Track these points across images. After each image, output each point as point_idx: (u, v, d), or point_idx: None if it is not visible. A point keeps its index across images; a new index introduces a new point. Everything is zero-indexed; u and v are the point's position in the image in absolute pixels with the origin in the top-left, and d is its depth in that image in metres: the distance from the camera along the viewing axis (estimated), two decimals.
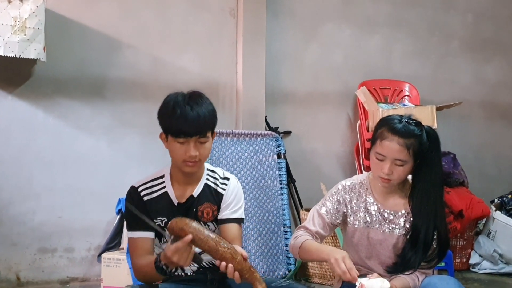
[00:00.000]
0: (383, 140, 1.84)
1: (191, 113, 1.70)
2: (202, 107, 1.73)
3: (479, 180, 4.25)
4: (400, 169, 1.84)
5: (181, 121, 1.69)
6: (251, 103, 3.64)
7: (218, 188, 1.87)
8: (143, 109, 3.42)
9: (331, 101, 4.01)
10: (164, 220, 1.79)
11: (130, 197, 1.81)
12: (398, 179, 1.87)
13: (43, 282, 3.21)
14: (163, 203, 1.80)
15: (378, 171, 1.86)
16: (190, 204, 1.81)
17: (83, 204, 3.30)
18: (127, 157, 3.41)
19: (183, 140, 1.71)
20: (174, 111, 1.71)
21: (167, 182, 1.82)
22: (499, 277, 3.63)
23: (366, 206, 1.95)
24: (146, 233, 1.77)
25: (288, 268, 3.25)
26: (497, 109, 4.57)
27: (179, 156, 1.73)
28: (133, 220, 1.78)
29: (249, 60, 3.64)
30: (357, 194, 1.97)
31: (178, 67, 3.54)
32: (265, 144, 3.44)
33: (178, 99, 1.73)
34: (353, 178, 2.04)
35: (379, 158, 1.85)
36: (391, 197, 1.95)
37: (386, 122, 1.89)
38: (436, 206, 1.89)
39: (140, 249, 1.76)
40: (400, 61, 4.23)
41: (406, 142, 1.81)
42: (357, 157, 3.87)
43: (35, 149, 3.24)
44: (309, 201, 3.78)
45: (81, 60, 3.32)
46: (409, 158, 1.83)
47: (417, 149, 1.83)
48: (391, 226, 1.93)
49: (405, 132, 1.82)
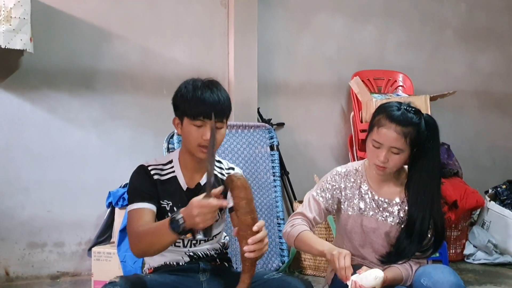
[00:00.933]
0: (380, 128, 1.81)
1: (211, 95, 1.72)
2: (222, 92, 1.76)
3: (473, 171, 4.24)
4: (396, 157, 1.81)
5: (202, 102, 1.70)
6: (244, 95, 3.60)
7: (224, 177, 1.85)
8: (133, 101, 3.38)
9: (325, 92, 3.98)
10: (170, 204, 1.78)
11: (139, 173, 1.78)
12: (393, 167, 1.84)
13: (33, 277, 3.17)
14: (171, 187, 1.79)
15: (374, 159, 1.83)
16: (198, 192, 1.77)
17: (73, 198, 3.26)
18: (117, 150, 3.36)
19: (201, 123, 1.70)
20: (194, 93, 1.72)
21: (176, 167, 1.82)
22: (493, 267, 3.63)
23: (361, 194, 1.93)
24: (149, 205, 1.73)
25: (282, 260, 3.22)
26: (491, 99, 4.56)
27: (194, 140, 1.72)
28: (136, 192, 1.74)
29: (241, 51, 3.59)
30: (351, 181, 1.95)
31: (169, 58, 3.49)
32: (258, 136, 3.41)
33: (197, 83, 1.75)
34: (348, 165, 2.02)
35: (375, 146, 1.82)
36: (386, 185, 1.93)
37: (384, 109, 1.86)
38: (432, 196, 1.86)
39: (142, 219, 1.69)
40: (393, 51, 4.20)
41: (403, 130, 1.78)
42: (350, 149, 3.84)
43: (23, 143, 3.18)
44: (303, 193, 3.73)
45: (69, 51, 3.26)
46: (406, 146, 1.80)
47: (415, 138, 1.80)
48: (384, 214, 1.91)
49: (403, 120, 1.79)
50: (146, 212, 1.72)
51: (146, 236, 1.63)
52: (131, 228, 1.71)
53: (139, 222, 1.69)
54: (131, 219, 1.73)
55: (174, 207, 1.77)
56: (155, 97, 3.42)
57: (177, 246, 1.80)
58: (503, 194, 4.02)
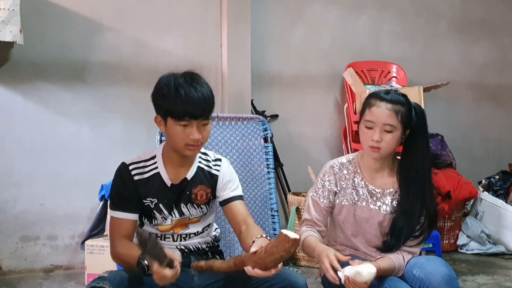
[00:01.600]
0: (372, 107, 1.86)
1: (196, 94, 1.66)
2: (205, 88, 1.70)
3: (467, 162, 4.25)
4: (389, 136, 1.83)
5: (186, 103, 1.64)
6: (237, 86, 3.58)
7: (212, 170, 1.85)
8: (126, 93, 3.35)
9: (319, 84, 3.97)
10: (154, 201, 1.76)
11: (120, 174, 1.76)
12: (387, 148, 1.85)
13: (26, 271, 3.16)
14: (154, 184, 1.77)
15: (368, 140, 1.86)
16: (184, 187, 1.78)
17: (66, 191, 3.24)
18: (110, 143, 3.34)
19: (186, 123, 1.67)
20: (178, 93, 1.65)
21: (159, 163, 1.79)
22: (486, 257, 3.64)
23: (354, 184, 1.95)
24: (130, 215, 1.74)
25: None
26: (485, 91, 4.56)
27: (181, 140, 1.69)
28: (118, 199, 1.74)
29: (234, 42, 3.56)
30: (345, 172, 1.97)
31: (161, 50, 3.46)
32: (252, 128, 3.39)
33: (179, 80, 1.68)
34: (340, 158, 2.04)
35: (369, 126, 1.85)
36: (379, 175, 1.95)
37: (373, 93, 1.93)
38: (424, 180, 1.89)
39: (122, 230, 1.73)
40: (387, 42, 4.19)
41: (394, 108, 1.83)
42: (344, 140, 3.84)
43: (14, 136, 3.16)
44: (297, 185, 3.75)
45: (60, 43, 3.23)
46: (398, 124, 1.83)
47: (405, 116, 1.84)
48: (377, 204, 1.92)
49: (393, 98, 1.85)
50: (125, 223, 1.74)
51: (122, 256, 1.69)
52: (112, 237, 1.75)
53: (119, 233, 1.73)
54: (112, 226, 1.76)
55: (159, 204, 1.76)
56: (148, 90, 3.22)
57: (167, 240, 1.80)
58: (496, 184, 4.04)
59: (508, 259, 3.60)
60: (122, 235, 1.72)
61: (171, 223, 1.79)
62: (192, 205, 1.79)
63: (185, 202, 1.78)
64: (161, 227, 1.79)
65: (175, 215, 1.78)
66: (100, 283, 1.54)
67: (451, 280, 1.70)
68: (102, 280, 1.56)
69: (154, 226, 1.79)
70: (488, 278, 3.17)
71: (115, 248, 1.72)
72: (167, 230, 1.80)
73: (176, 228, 1.79)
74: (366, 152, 1.91)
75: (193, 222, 1.81)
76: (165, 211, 1.77)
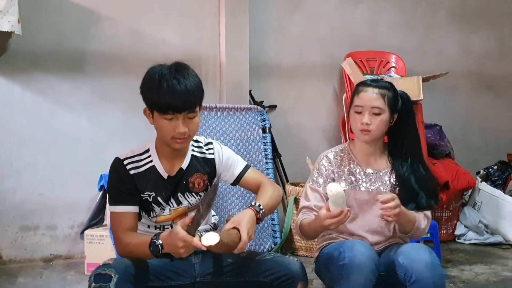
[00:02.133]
0: (359, 93, 1.96)
1: (178, 87, 1.62)
2: (190, 80, 1.65)
3: (465, 152, 4.25)
4: (378, 118, 1.92)
5: (169, 96, 1.61)
6: (235, 77, 3.58)
7: (206, 155, 1.85)
8: (124, 84, 3.34)
9: (317, 74, 3.96)
10: (152, 195, 1.76)
11: (115, 170, 1.75)
12: (377, 130, 1.93)
13: (26, 260, 3.18)
14: (151, 177, 1.76)
15: (358, 124, 1.94)
16: (180, 177, 1.78)
17: (65, 181, 3.25)
18: (108, 133, 3.34)
19: (171, 117, 1.64)
20: (160, 86, 1.62)
21: (154, 156, 1.78)
22: (484, 247, 3.66)
23: (350, 169, 2.00)
24: (131, 208, 1.73)
25: (274, 241, 3.24)
26: (484, 81, 4.56)
27: (167, 133, 1.67)
28: (117, 194, 1.73)
29: (232, 31, 3.55)
30: (339, 160, 2.02)
31: (159, 40, 3.45)
32: (250, 119, 3.39)
33: (164, 72, 1.64)
34: (332, 148, 2.09)
35: (358, 111, 1.94)
36: (373, 158, 2.01)
37: (360, 82, 2.04)
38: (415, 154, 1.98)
39: (125, 224, 1.71)
40: (386, 32, 4.18)
41: (380, 92, 1.93)
42: (343, 130, 3.84)
43: (13, 126, 3.16)
44: (295, 175, 3.76)
45: (58, 33, 3.22)
46: (385, 107, 1.93)
47: (392, 100, 1.94)
48: (376, 185, 1.97)
49: (378, 84, 1.96)
50: (127, 216, 1.72)
51: (130, 246, 1.67)
52: (115, 232, 1.73)
53: (122, 227, 1.71)
54: (114, 222, 1.73)
55: (157, 197, 1.76)
56: None
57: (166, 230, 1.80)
58: (494, 174, 4.05)
59: (506, 249, 3.62)
60: (126, 229, 1.70)
61: (169, 213, 1.80)
62: (191, 194, 1.80)
63: (182, 192, 1.79)
64: (160, 218, 1.79)
65: (173, 205, 1.79)
66: (106, 270, 1.55)
67: (433, 267, 1.71)
68: (107, 267, 1.56)
69: (152, 218, 1.79)
70: (485, 268, 3.19)
71: (121, 242, 1.69)
72: (166, 220, 1.80)
73: (175, 218, 1.80)
74: (357, 136, 1.98)
75: (192, 210, 1.82)
76: (163, 202, 1.77)
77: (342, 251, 1.76)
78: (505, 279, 2.98)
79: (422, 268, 1.70)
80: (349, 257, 1.72)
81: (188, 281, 1.77)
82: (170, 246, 1.57)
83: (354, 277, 1.69)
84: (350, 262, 1.71)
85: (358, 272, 1.69)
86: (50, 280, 2.90)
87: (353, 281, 1.69)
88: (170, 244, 1.57)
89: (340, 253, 1.76)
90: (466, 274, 3.06)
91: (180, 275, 1.76)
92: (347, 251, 1.74)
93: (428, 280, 1.69)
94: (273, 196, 1.83)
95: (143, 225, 1.81)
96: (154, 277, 1.71)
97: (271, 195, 1.82)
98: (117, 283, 1.53)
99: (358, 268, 1.70)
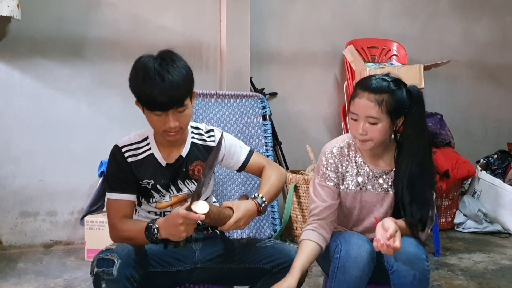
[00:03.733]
0: (355, 98, 1.77)
1: (162, 84, 1.56)
2: (175, 74, 1.59)
3: (465, 141, 4.25)
4: (374, 128, 1.73)
5: (153, 94, 1.57)
6: (236, 64, 3.55)
7: (207, 142, 1.83)
8: (124, 70, 3.19)
9: (318, 61, 3.94)
10: (151, 182, 1.75)
11: (114, 157, 1.74)
12: (375, 140, 1.76)
13: (26, 246, 3.19)
14: (149, 165, 1.75)
15: (355, 133, 1.78)
16: (180, 165, 1.77)
17: (65, 167, 3.24)
18: (108, 119, 3.33)
19: (160, 113, 1.61)
20: (144, 83, 1.57)
21: (152, 144, 1.76)
22: (483, 235, 3.68)
23: (357, 168, 1.86)
24: (128, 196, 1.72)
25: (274, 229, 3.25)
26: (485, 69, 4.54)
27: (158, 127, 1.66)
28: (115, 182, 1.72)
29: (233, 18, 3.52)
30: (346, 158, 1.87)
31: (159, 26, 3.43)
32: (250, 106, 3.38)
33: (148, 66, 1.58)
34: (337, 140, 1.92)
35: (353, 118, 1.77)
36: (379, 157, 1.87)
37: (360, 80, 1.82)
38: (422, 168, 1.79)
39: (121, 211, 1.71)
40: (388, 20, 4.15)
41: (376, 98, 1.71)
42: (343, 119, 3.83)
43: (12, 112, 3.15)
44: (295, 163, 3.76)
45: (58, 18, 3.20)
46: (382, 115, 1.72)
47: (392, 105, 1.72)
48: (384, 186, 1.85)
49: (376, 87, 1.73)
50: (124, 204, 1.71)
51: (126, 232, 1.66)
52: (111, 219, 1.71)
53: (118, 214, 1.70)
54: (110, 209, 1.72)
55: (156, 185, 1.75)
56: None
57: None
58: (494, 163, 4.05)
59: (504, 238, 3.63)
60: (122, 216, 1.70)
61: (169, 199, 1.79)
62: (190, 181, 1.79)
63: (182, 179, 1.78)
64: (160, 204, 1.79)
65: (173, 192, 1.78)
66: (109, 255, 1.55)
67: (416, 259, 1.66)
68: (110, 252, 1.56)
69: (152, 204, 1.79)
70: (484, 256, 3.20)
71: (116, 228, 1.68)
72: (166, 206, 1.80)
73: (175, 204, 1.80)
74: (356, 143, 1.83)
75: None
76: (162, 190, 1.76)
77: (339, 243, 1.72)
78: (503, 267, 3.00)
79: (403, 260, 1.66)
80: (345, 250, 1.69)
81: (188, 267, 1.77)
82: (169, 227, 1.55)
83: (350, 270, 1.66)
84: (346, 255, 1.68)
85: (354, 265, 1.66)
86: (50, 265, 2.92)
87: (349, 274, 1.66)
88: (168, 225, 1.55)
89: (337, 245, 1.73)
90: (464, 262, 3.07)
91: (181, 261, 1.76)
92: (344, 244, 1.71)
93: (407, 273, 1.65)
94: (275, 182, 1.80)
95: (143, 211, 1.81)
96: (156, 263, 1.71)
97: (273, 181, 1.80)
98: (119, 268, 1.53)
99: (354, 261, 1.67)
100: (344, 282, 1.67)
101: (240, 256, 1.78)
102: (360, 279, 1.67)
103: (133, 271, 1.57)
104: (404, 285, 1.66)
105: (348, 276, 1.67)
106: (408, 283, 1.66)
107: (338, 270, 1.68)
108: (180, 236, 1.55)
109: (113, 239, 1.70)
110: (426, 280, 1.68)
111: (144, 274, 1.63)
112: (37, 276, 2.73)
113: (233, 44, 3.53)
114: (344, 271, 1.67)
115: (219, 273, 1.80)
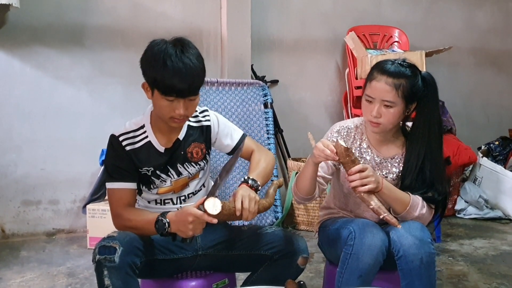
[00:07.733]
0: (372, 81, 1.78)
1: (184, 71, 1.56)
2: (195, 62, 1.60)
3: (467, 127, 4.25)
4: (389, 111, 1.76)
5: (175, 80, 1.57)
6: (237, 51, 3.54)
7: (202, 122, 1.83)
8: (124, 58, 3.31)
9: (319, 48, 3.92)
10: (151, 169, 1.75)
11: (112, 147, 1.74)
12: (387, 123, 1.78)
13: (28, 234, 3.20)
14: (147, 153, 1.74)
15: (368, 115, 1.80)
16: (177, 148, 1.77)
17: (66, 155, 3.25)
18: (109, 108, 3.32)
19: (173, 99, 1.61)
20: (165, 67, 1.56)
21: (149, 131, 1.76)
22: (483, 221, 3.69)
23: (361, 152, 1.88)
24: (129, 184, 1.72)
25: (276, 216, 3.26)
26: (487, 56, 4.52)
27: (166, 113, 1.65)
28: (115, 171, 1.72)
29: (234, 5, 3.50)
30: (352, 139, 1.90)
31: (160, 13, 3.41)
32: (252, 94, 3.37)
33: (169, 52, 1.58)
34: (347, 121, 1.96)
35: (368, 100, 1.79)
36: (385, 145, 1.89)
37: (378, 64, 1.83)
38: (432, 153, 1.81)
39: (124, 200, 1.71)
40: (389, 6, 4.12)
41: (394, 82, 1.74)
42: (345, 106, 3.82)
43: (13, 101, 3.14)
44: (297, 151, 3.76)
45: (57, 6, 3.18)
46: (398, 99, 1.74)
47: (408, 91, 1.74)
48: (384, 172, 1.87)
49: (394, 72, 1.75)
50: (126, 192, 1.71)
51: (131, 222, 1.66)
52: (115, 208, 1.71)
53: (121, 202, 1.70)
54: (112, 199, 1.72)
55: (156, 171, 1.75)
56: None
57: (167, 205, 1.80)
58: (495, 150, 4.05)
59: (505, 224, 3.64)
60: (125, 205, 1.70)
61: (170, 184, 1.80)
62: (190, 164, 1.79)
63: (181, 162, 1.78)
64: (161, 189, 1.79)
65: (174, 176, 1.78)
66: (110, 242, 1.55)
67: (422, 243, 1.67)
68: (112, 240, 1.56)
69: (153, 190, 1.79)
70: (484, 242, 3.21)
71: (122, 217, 1.69)
72: (167, 191, 1.80)
73: (176, 188, 1.80)
74: (367, 125, 1.84)
75: (193, 179, 1.82)
76: (163, 175, 1.77)
77: (352, 231, 1.72)
78: (504, 253, 3.01)
79: (410, 244, 1.67)
80: (360, 237, 1.69)
81: (190, 254, 1.78)
82: (179, 223, 1.57)
83: (364, 258, 1.67)
84: (360, 242, 1.68)
85: (368, 252, 1.67)
86: (53, 253, 2.93)
87: (362, 261, 1.67)
88: (179, 221, 1.57)
89: (350, 232, 1.73)
90: (465, 248, 3.08)
91: (183, 248, 1.77)
92: (358, 231, 1.71)
93: (414, 257, 1.66)
94: (264, 164, 1.81)
95: (143, 200, 1.82)
96: (157, 250, 1.72)
97: (262, 164, 1.80)
98: (121, 255, 1.53)
99: (369, 249, 1.67)
100: (356, 268, 1.68)
101: (242, 243, 1.79)
102: (372, 266, 1.68)
103: (135, 258, 1.58)
104: (412, 270, 1.67)
105: (361, 263, 1.67)
106: (416, 267, 1.66)
107: (351, 256, 1.69)
108: (187, 234, 1.57)
109: (117, 227, 1.71)
110: (432, 263, 1.69)
111: (145, 261, 1.64)
112: (40, 264, 2.75)
113: (234, 31, 3.51)
114: (357, 258, 1.68)
115: (221, 260, 1.81)
